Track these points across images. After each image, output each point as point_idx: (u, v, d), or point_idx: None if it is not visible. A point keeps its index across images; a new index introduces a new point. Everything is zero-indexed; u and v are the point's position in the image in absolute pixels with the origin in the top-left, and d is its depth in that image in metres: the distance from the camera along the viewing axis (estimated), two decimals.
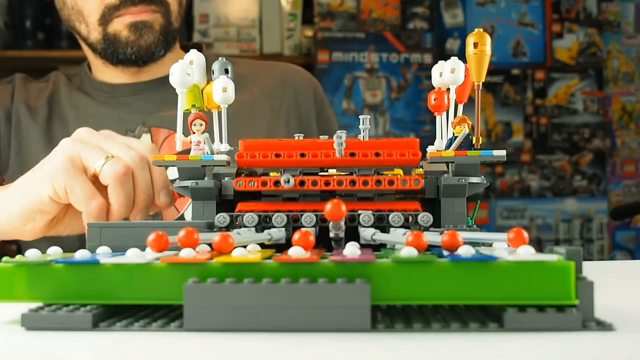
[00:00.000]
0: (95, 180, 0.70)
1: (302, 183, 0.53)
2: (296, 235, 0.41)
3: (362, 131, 0.57)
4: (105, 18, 0.96)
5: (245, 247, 0.44)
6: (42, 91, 1.05)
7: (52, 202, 0.71)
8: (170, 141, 0.99)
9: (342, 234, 0.49)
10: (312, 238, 0.42)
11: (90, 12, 0.97)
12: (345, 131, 0.54)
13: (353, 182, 0.53)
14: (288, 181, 0.52)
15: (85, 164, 0.70)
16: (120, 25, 0.97)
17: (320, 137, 0.58)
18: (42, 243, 0.95)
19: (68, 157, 0.69)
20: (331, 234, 0.49)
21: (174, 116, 0.59)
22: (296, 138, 0.58)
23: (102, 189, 0.70)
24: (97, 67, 1.06)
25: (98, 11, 0.96)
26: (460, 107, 0.59)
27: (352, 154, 0.54)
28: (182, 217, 0.95)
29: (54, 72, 1.10)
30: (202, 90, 0.60)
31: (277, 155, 0.54)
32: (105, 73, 1.05)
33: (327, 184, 0.53)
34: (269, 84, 1.10)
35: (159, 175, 0.71)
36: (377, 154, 0.54)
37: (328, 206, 0.42)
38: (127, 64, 1.01)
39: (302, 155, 0.54)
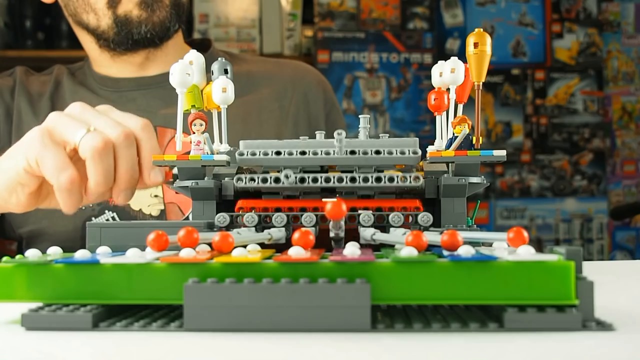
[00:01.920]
0: (75, 154, 0.67)
1: (302, 180, 0.53)
2: (296, 235, 0.41)
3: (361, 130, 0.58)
4: (114, 0, 0.96)
5: (245, 247, 0.44)
6: (44, 85, 1.04)
7: (28, 174, 0.68)
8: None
9: (342, 234, 0.49)
10: (312, 237, 0.42)
11: None
12: (344, 132, 0.53)
13: (353, 180, 0.53)
14: (288, 177, 0.52)
15: (64, 137, 0.67)
16: (129, 5, 0.96)
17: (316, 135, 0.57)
18: (43, 243, 0.95)
19: (45, 128, 0.67)
20: (331, 234, 0.49)
21: None
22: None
23: (80, 165, 0.67)
24: (100, 62, 1.04)
25: None
26: (460, 107, 0.59)
27: (353, 152, 0.54)
28: (187, 220, 0.95)
29: (56, 65, 1.09)
30: (202, 90, 0.60)
31: (277, 153, 0.54)
32: (111, 68, 1.04)
33: (327, 180, 0.53)
34: (279, 84, 1.09)
35: (149, 154, 0.67)
36: (377, 152, 0.54)
37: (329, 205, 0.42)
38: (143, 45, 0.99)
39: (303, 153, 0.54)
